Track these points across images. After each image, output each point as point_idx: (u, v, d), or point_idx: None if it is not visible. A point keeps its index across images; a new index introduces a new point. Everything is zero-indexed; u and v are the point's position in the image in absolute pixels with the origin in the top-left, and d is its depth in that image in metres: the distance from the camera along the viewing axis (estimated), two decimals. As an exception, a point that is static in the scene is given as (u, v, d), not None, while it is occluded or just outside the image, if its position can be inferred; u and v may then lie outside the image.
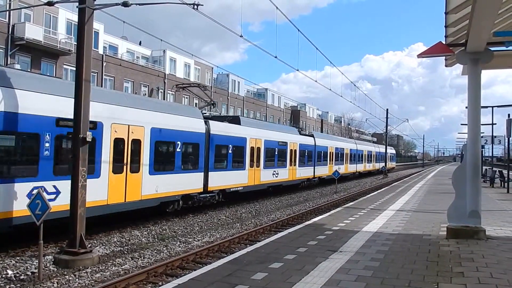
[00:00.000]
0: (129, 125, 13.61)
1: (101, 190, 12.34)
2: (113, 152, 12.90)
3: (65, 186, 10.56)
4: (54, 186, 10.97)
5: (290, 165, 26.84)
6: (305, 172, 29.76)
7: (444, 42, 9.88)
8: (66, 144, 11.54)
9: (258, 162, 22.62)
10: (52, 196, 10.71)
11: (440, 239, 9.80)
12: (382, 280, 6.59)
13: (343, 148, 40.35)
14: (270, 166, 24.13)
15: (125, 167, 13.41)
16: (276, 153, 24.99)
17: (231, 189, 19.92)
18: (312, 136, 33.31)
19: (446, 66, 11.75)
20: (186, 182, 16.36)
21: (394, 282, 6.49)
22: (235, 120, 21.83)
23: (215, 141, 18.47)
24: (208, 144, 17.95)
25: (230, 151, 19.76)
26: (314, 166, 31.64)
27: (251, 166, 21.75)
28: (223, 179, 19.20)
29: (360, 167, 48.00)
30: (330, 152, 35.94)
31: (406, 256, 8.15)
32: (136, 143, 13.97)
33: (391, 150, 69.87)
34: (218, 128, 19.01)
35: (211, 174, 18.04)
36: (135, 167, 13.93)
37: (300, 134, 31.17)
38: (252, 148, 21.84)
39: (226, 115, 38.96)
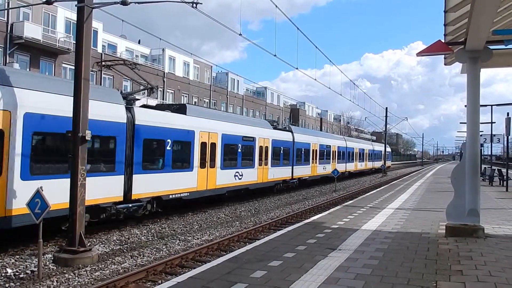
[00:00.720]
0: None
1: None
2: None
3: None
4: None
5: (260, 164, 23.02)
6: (280, 173, 25.77)
7: (443, 41, 9.88)
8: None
9: (214, 161, 18.62)
10: None
11: (439, 238, 9.82)
12: (381, 278, 6.60)
13: (330, 146, 36.58)
14: (231, 166, 20.24)
15: None
16: (240, 150, 21.06)
17: (172, 196, 15.76)
18: (290, 131, 28.85)
19: (445, 64, 11.75)
20: (93, 189, 11.63)
21: (393, 280, 6.51)
22: (181, 109, 17.62)
23: (143, 134, 14.26)
24: (131, 137, 13.80)
25: (169, 148, 15.64)
26: (293, 165, 27.75)
27: (203, 166, 17.73)
28: (158, 184, 14.97)
29: (351, 167, 43.88)
30: (313, 150, 31.93)
31: (405, 254, 8.17)
32: None
33: (387, 149, 67.24)
34: (148, 118, 14.67)
35: (137, 177, 13.88)
36: None
37: (276, 128, 27.32)
38: (203, 144, 17.81)
39: (174, 103, 31.82)
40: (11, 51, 30.23)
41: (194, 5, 10.47)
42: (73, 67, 10.42)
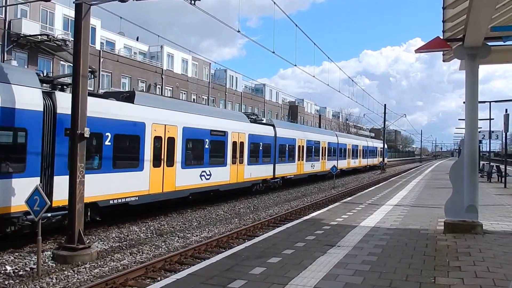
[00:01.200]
0: None
1: None
2: None
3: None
4: None
5: (234, 162, 20.39)
6: (259, 172, 23.10)
7: (442, 37, 9.88)
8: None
9: (172, 159, 15.86)
10: None
11: (437, 234, 9.85)
12: (380, 274, 6.62)
13: (319, 142, 33.56)
14: (196, 164, 17.69)
15: None
16: (208, 146, 18.29)
17: (113, 202, 13.13)
18: (271, 125, 26.10)
19: (443, 61, 11.76)
20: None
21: (391, 276, 6.53)
22: (129, 97, 14.73)
23: (65, 125, 11.17)
24: (52, 130, 11.23)
25: (108, 143, 12.98)
26: (275, 163, 25.00)
27: (157, 165, 15.09)
28: (92, 187, 11.84)
29: (343, 164, 40.72)
30: (299, 146, 29.08)
31: (404, 251, 8.19)
32: None
33: (381, 144, 64.43)
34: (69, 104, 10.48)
35: (59, 179, 11.10)
36: None
37: (255, 121, 24.64)
38: (158, 139, 15.15)
39: (123, 91, 27.51)
40: (9, 48, 30.12)
41: (193, 2, 10.43)
42: (71, 64, 10.38)
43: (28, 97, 10.63)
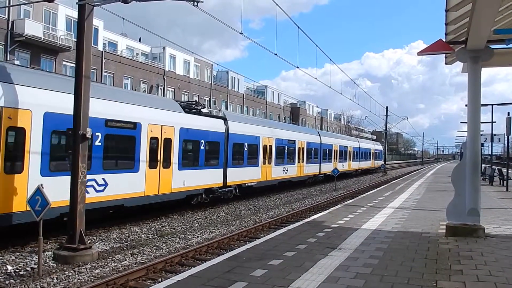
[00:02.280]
0: None
1: None
2: None
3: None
4: None
5: (153, 167, 14.85)
6: (200, 178, 17.68)
7: (444, 40, 9.87)
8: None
9: (21, 162, 10.47)
10: None
11: (439, 237, 9.82)
12: (381, 277, 6.60)
13: (295, 141, 28.17)
14: (63, 170, 11.29)
15: None
16: (101, 144, 12.77)
17: None
18: (222, 118, 20.29)
19: (446, 64, 11.75)
20: None
21: (393, 279, 6.51)
22: None
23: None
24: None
25: None
26: (226, 167, 19.64)
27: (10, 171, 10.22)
28: None
29: (328, 168, 34.45)
30: (266, 146, 23.66)
31: (405, 254, 8.16)
32: None
33: (377, 146, 59.89)
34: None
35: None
36: None
37: (197, 112, 18.58)
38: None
39: None
40: (12, 48, 30.19)
41: (195, 3, 10.44)
42: (74, 65, 10.40)
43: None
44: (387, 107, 57.84)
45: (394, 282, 6.37)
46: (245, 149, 21.71)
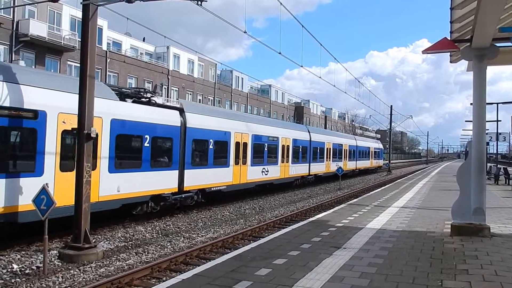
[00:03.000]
0: None
1: None
2: None
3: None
4: None
5: (66, 169, 11.42)
6: (144, 183, 14.31)
7: (449, 38, 9.82)
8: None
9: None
10: None
11: (444, 236, 9.78)
12: (386, 276, 6.58)
13: (277, 138, 24.49)
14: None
15: None
16: None
17: None
18: (179, 109, 16.67)
19: (451, 62, 11.69)
20: None
21: (398, 278, 6.48)
22: None
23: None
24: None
25: None
26: (183, 168, 16.19)
27: None
28: None
29: (318, 168, 31.38)
30: (238, 143, 20.16)
31: (410, 253, 8.14)
32: None
33: (376, 144, 55.56)
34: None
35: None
36: None
37: (138, 101, 14.94)
38: None
39: None
40: (17, 48, 30.34)
41: (199, 2, 10.44)
42: (78, 65, 10.44)
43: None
44: (391, 106, 57.70)
45: (399, 281, 6.35)
46: (210, 146, 17.95)
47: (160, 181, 14.99)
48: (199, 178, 17.18)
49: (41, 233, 8.80)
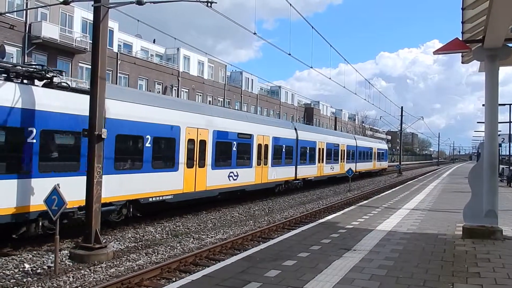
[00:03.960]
0: None
1: None
2: None
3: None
4: None
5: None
6: (24, 198, 10.14)
7: (460, 39, 9.74)
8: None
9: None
10: None
11: (455, 239, 9.68)
12: (397, 279, 6.54)
13: (250, 136, 20.34)
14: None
15: None
16: None
17: None
18: (81, 92, 12.33)
19: (462, 63, 11.60)
20: None
21: (408, 281, 6.43)
22: None
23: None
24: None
25: None
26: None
27: None
28: None
29: (309, 171, 27.84)
30: (192, 141, 16.01)
31: (421, 256, 8.07)
32: None
33: (379, 144, 50.94)
34: None
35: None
36: None
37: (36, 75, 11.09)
38: None
39: None
40: (29, 50, 30.71)
41: (209, 4, 10.47)
42: (90, 66, 10.53)
43: None
44: (402, 107, 57.19)
45: (410, 284, 6.30)
46: (147, 145, 13.88)
47: (67, 191, 9.87)
48: (128, 186, 13.14)
49: (52, 233, 8.88)
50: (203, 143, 16.68)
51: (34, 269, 9.08)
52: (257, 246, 9.27)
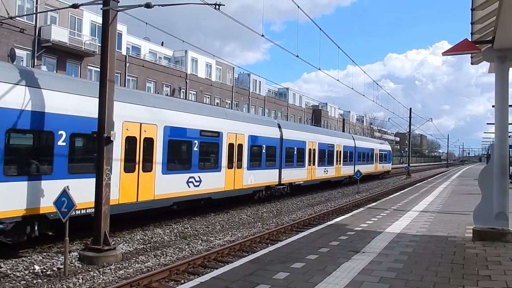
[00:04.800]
0: None
1: None
2: None
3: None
4: None
5: None
6: None
7: (470, 39, 9.66)
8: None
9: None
10: None
11: (465, 241, 9.59)
12: (406, 282, 6.49)
13: (219, 133, 17.42)
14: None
15: None
16: None
17: None
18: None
19: (472, 64, 11.49)
20: None
21: (418, 284, 6.38)
22: None
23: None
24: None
25: None
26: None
27: None
28: None
29: (295, 175, 24.31)
30: (134, 140, 12.99)
31: (431, 258, 8.01)
32: None
33: (382, 145, 47.37)
34: None
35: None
36: None
37: None
38: None
39: None
40: (39, 54, 31.02)
41: (217, 6, 10.51)
42: (98, 69, 10.62)
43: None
44: (410, 109, 56.78)
45: (420, 286, 6.26)
46: (60, 142, 10.71)
47: None
48: (24, 197, 9.90)
49: (62, 234, 8.94)
50: (148, 141, 13.69)
51: (44, 270, 9.16)
52: (266, 248, 9.26)
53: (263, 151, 20.97)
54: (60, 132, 10.73)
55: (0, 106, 9.51)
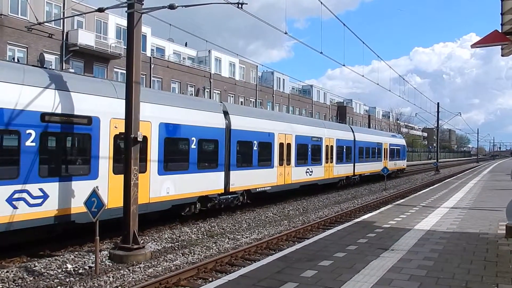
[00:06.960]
0: None
1: None
2: None
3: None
4: None
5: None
6: None
7: (500, 31, 9.38)
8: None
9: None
10: None
11: (498, 238, 9.34)
12: (437, 280, 6.36)
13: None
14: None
15: None
16: None
17: None
18: None
19: (502, 56, 11.16)
20: None
21: (450, 282, 6.25)
22: None
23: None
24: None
25: None
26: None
27: None
28: None
29: (242, 181, 16.99)
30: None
31: (462, 256, 7.83)
32: None
33: (393, 139, 40.05)
34: None
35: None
36: None
37: None
38: None
39: None
40: (67, 57, 31.83)
41: (240, 5, 10.52)
42: (124, 71, 10.79)
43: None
44: (438, 103, 55.57)
45: (451, 285, 6.12)
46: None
47: None
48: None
49: (93, 234, 9.15)
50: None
51: (76, 269, 9.39)
52: (292, 246, 9.24)
53: (204, 148, 15.43)
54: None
55: None
